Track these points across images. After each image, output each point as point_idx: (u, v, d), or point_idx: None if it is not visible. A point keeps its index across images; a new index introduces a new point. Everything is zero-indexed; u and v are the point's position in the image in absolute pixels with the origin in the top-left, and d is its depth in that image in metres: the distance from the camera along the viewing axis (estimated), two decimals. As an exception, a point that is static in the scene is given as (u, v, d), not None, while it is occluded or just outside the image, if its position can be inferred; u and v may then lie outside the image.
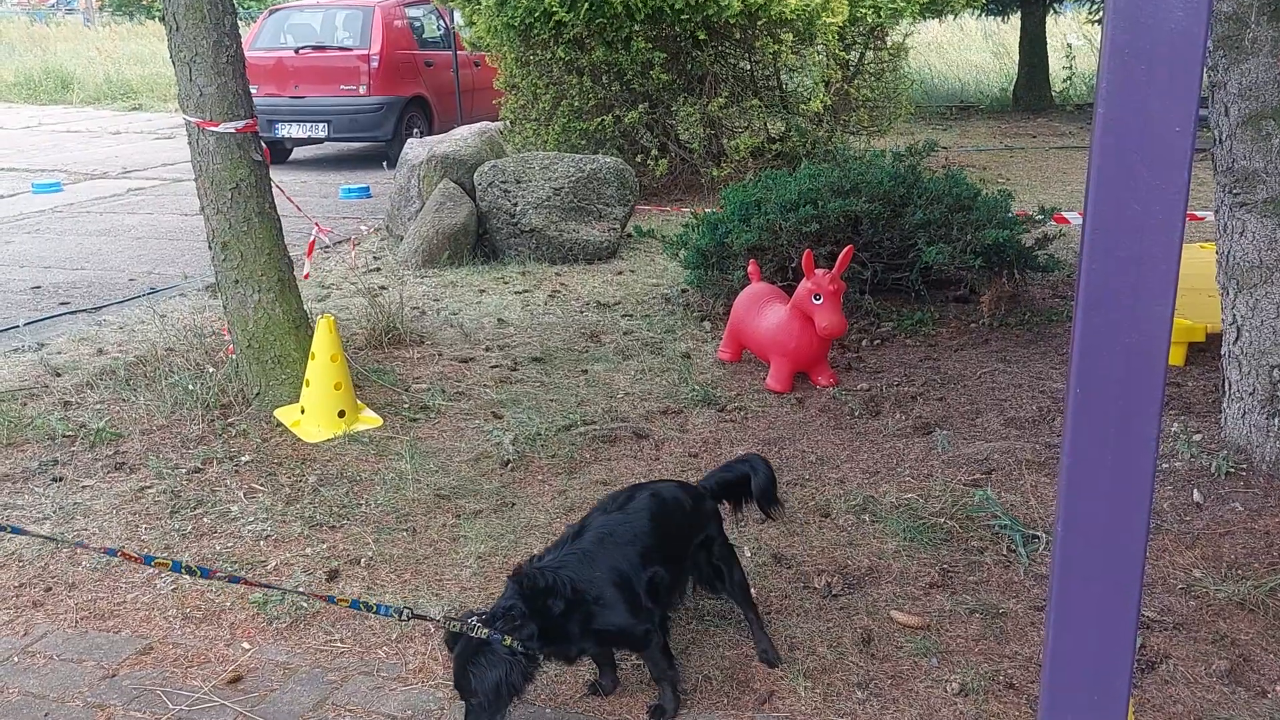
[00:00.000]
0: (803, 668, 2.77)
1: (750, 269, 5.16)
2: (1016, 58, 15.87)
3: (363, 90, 11.91)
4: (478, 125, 8.69)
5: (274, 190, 4.64)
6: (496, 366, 5.12)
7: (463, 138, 8.14)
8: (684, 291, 6.22)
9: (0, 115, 17.30)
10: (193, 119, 4.39)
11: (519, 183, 7.42)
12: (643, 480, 3.85)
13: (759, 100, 9.62)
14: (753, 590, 2.89)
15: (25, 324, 5.98)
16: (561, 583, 2.46)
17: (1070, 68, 15.53)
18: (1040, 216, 5.94)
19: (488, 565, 3.33)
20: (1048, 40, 15.55)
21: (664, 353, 5.27)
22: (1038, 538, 3.37)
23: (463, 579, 3.25)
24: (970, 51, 19.64)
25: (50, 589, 3.22)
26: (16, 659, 2.89)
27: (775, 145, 9.67)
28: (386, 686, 2.75)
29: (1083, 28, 17.68)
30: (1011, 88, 15.87)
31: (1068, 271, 6.12)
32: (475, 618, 2.36)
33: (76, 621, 3.06)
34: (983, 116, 14.94)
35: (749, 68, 9.84)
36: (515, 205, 7.36)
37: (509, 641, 2.31)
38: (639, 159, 9.26)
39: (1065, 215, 6.37)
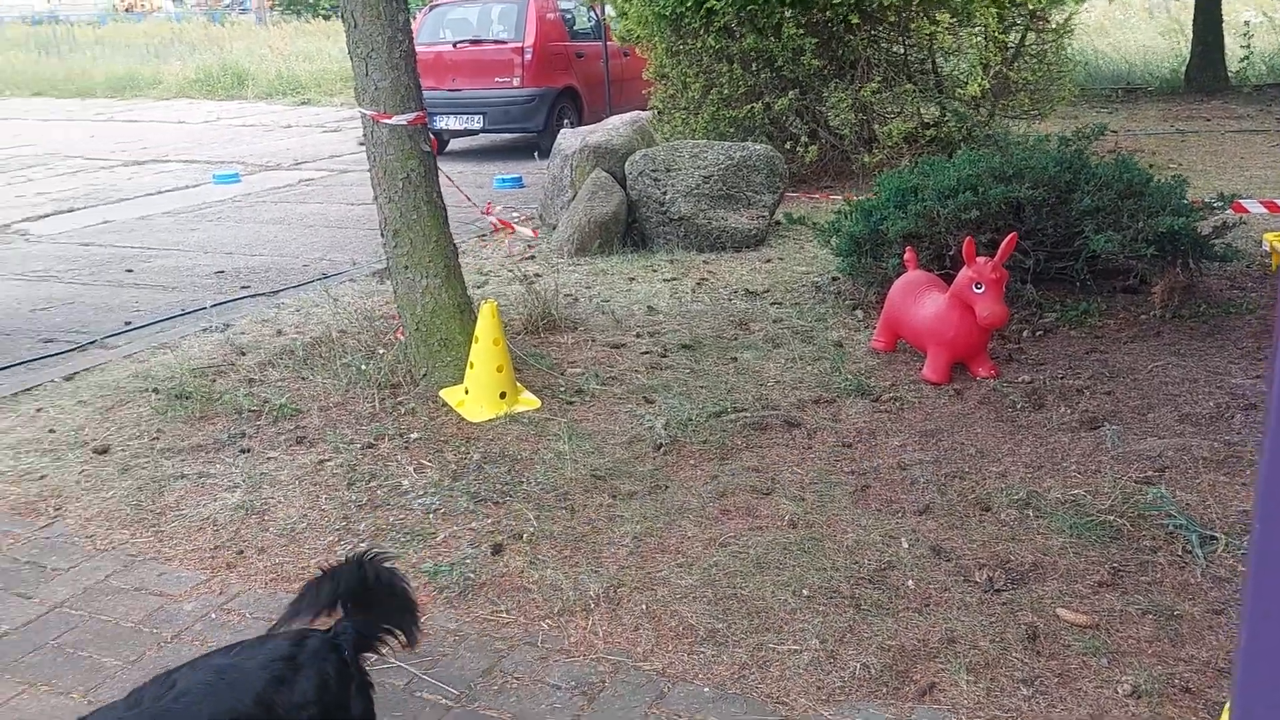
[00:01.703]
0: (964, 661, 2.74)
1: (906, 256, 5.08)
2: (1189, 36, 15.01)
3: (516, 82, 12.21)
4: (629, 115, 8.80)
5: (441, 179, 4.84)
6: (647, 353, 5.20)
7: (614, 127, 8.26)
8: (835, 280, 6.17)
9: (183, 111, 18.47)
10: (368, 112, 4.61)
11: (669, 171, 7.48)
12: (794, 467, 3.87)
13: (913, 85, 9.42)
14: (910, 581, 2.87)
15: (213, 306, 6.41)
16: None
17: (1248, 46, 14.59)
18: (1219, 204, 5.64)
19: (643, 545, 3.40)
20: (1223, 17, 14.65)
21: (815, 341, 5.24)
22: (1216, 539, 3.23)
23: (620, 557, 3.33)
24: (1136, 32, 18.68)
25: (242, 552, 3.46)
26: (214, 615, 3.12)
27: (929, 131, 9.45)
28: (550, 658, 2.85)
29: (1261, 4, 16.57)
30: (1183, 68, 15.02)
31: (1246, 262, 5.79)
32: None
33: (266, 583, 3.28)
34: (1151, 99, 14.20)
35: (903, 51, 9.64)
36: (665, 193, 7.43)
37: None
38: (788, 146, 9.21)
39: (1244, 204, 6.02)
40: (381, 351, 5.08)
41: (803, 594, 3.08)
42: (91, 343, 5.96)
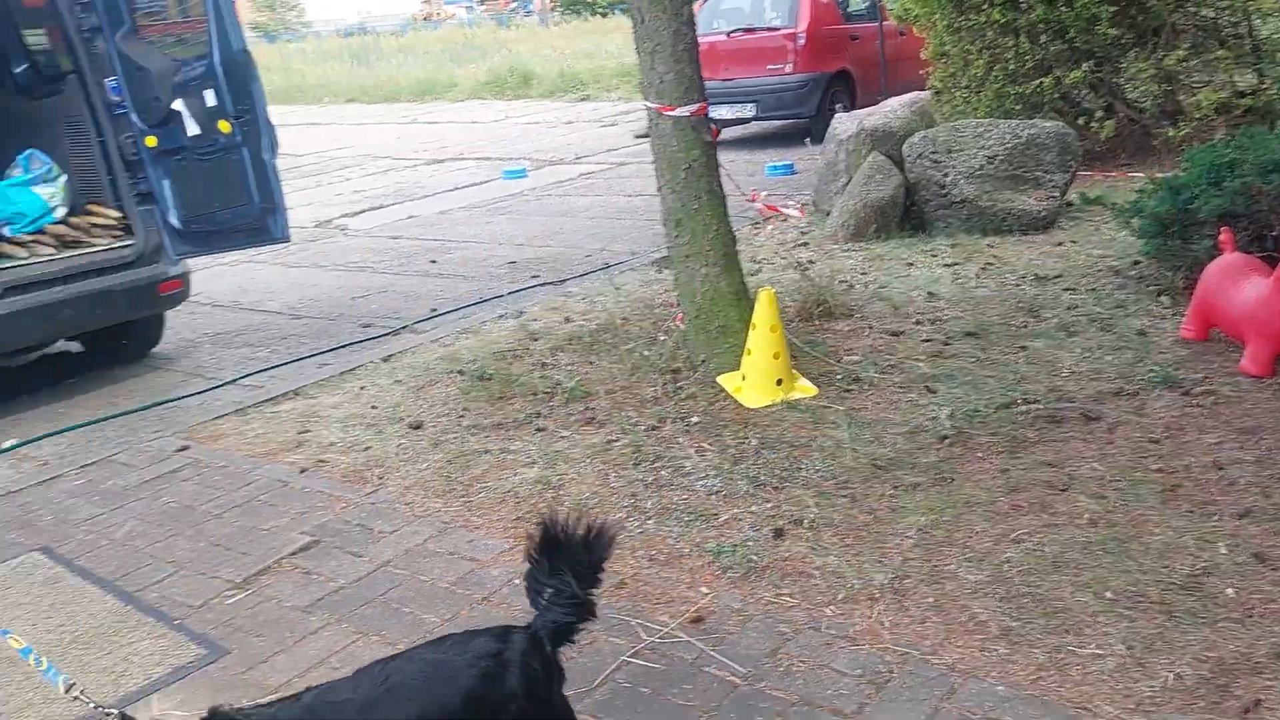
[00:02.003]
0: (1297, 679, 2.49)
1: (1222, 238, 4.64)
2: None
3: (789, 69, 12.17)
4: (907, 96, 8.55)
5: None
6: (928, 340, 5.06)
7: (892, 110, 8.06)
8: (1137, 264, 5.73)
9: (476, 111, 19.79)
10: (653, 104, 4.76)
11: (950, 152, 7.21)
12: (1093, 462, 3.64)
13: (1226, 51, 8.56)
14: (1230, 589, 2.64)
15: (508, 294, 6.85)
16: None
17: None
18: None
19: (929, 538, 3.33)
20: None
21: (1114, 329, 4.90)
22: None
23: (904, 548, 3.28)
24: None
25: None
26: (517, 582, 3.33)
27: (1245, 100, 8.55)
28: (835, 644, 2.86)
29: None
30: None
31: None
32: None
33: (561, 554, 3.49)
34: None
35: (1213, 15, 8.78)
36: (945, 175, 7.17)
37: None
38: (1080, 121, 8.62)
39: None
40: (662, 338, 5.24)
41: (1105, 596, 2.90)
42: (403, 327, 6.54)
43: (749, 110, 12.31)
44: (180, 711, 2.87)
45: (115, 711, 1.87)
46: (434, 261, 8.31)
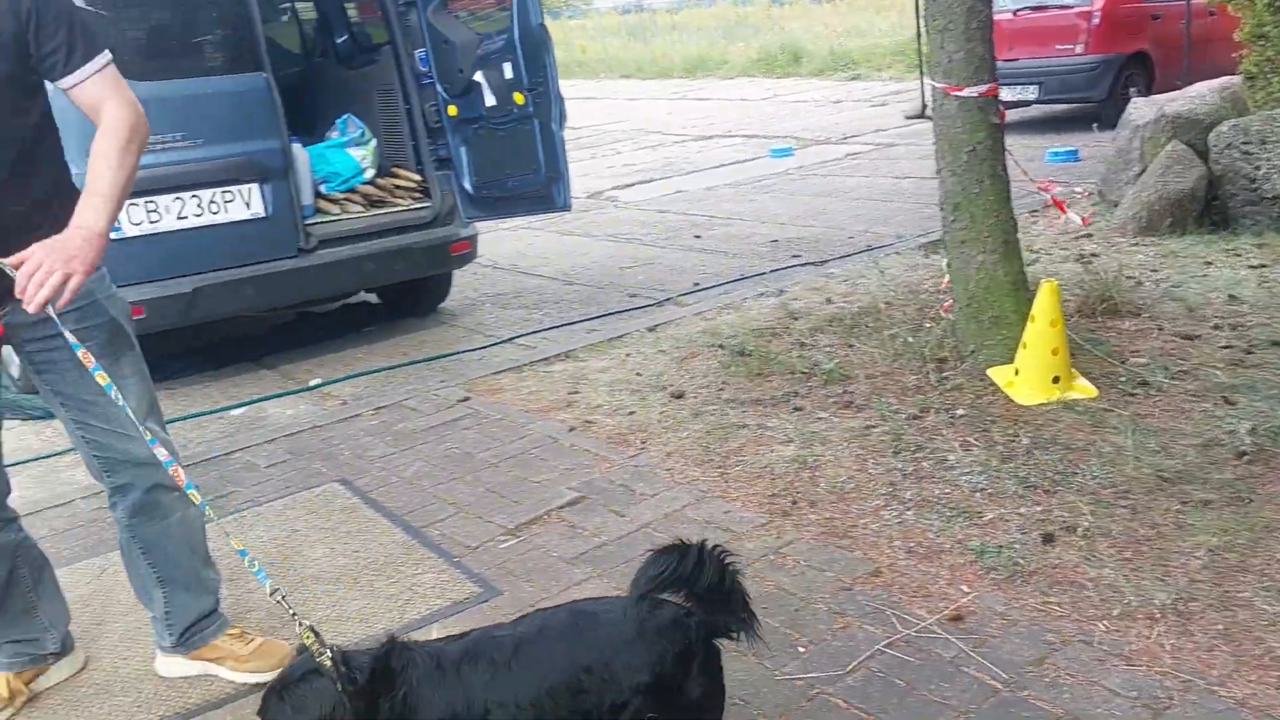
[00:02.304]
0: None
1: None
2: None
3: (1079, 49, 11.40)
4: (1217, 81, 7.81)
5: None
6: (1227, 347, 4.64)
7: (1198, 95, 7.39)
8: None
9: (745, 88, 19.86)
10: (939, 84, 4.60)
11: (1264, 143, 6.54)
12: None
13: None
14: None
15: (770, 271, 6.88)
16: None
17: None
18: None
19: (1220, 560, 3.07)
20: None
21: None
22: None
23: (1191, 569, 3.04)
24: None
25: (795, 503, 3.71)
26: (772, 557, 3.38)
27: None
28: (1108, 661, 2.70)
29: None
30: None
31: None
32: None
33: (817, 535, 3.49)
34: None
35: None
36: (1258, 169, 6.52)
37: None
38: None
39: None
40: (928, 325, 5.09)
41: None
42: (668, 299, 6.70)
43: (1031, 93, 11.65)
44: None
45: (306, 623, 2.05)
46: (698, 236, 8.45)
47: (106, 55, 2.59)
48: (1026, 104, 11.99)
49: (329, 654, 1.99)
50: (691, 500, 3.81)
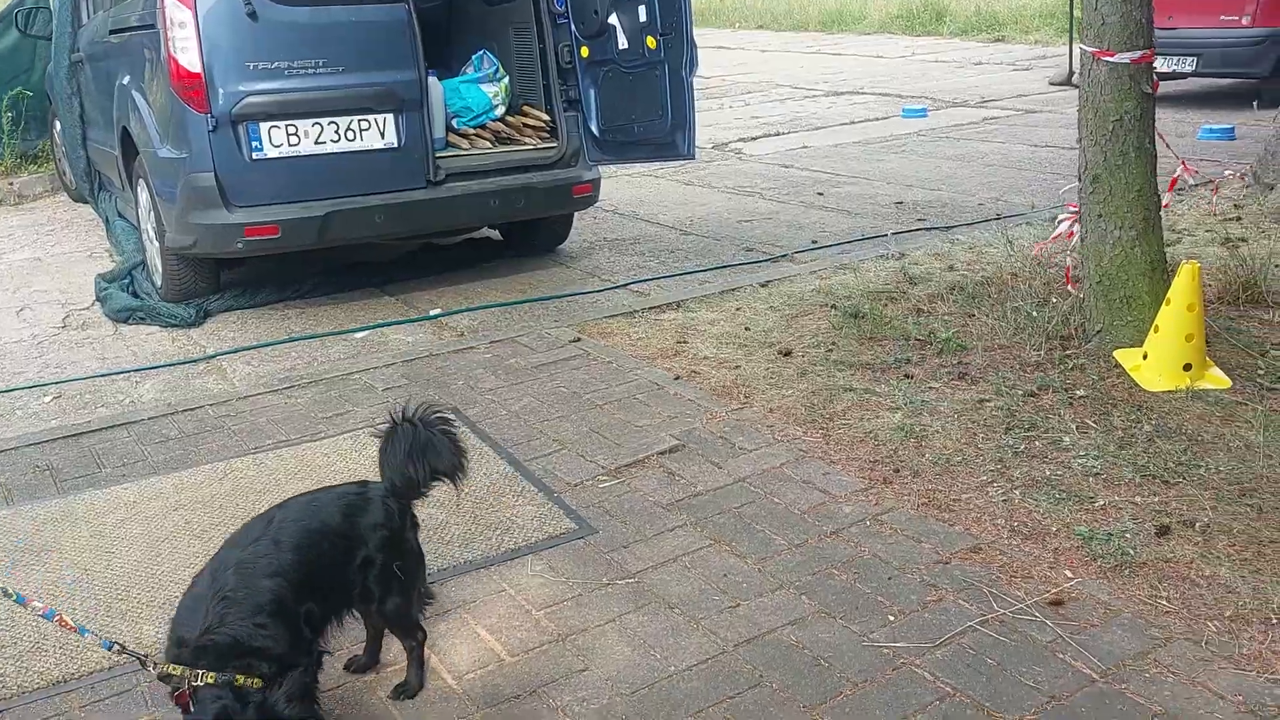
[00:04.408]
0: None
1: None
2: None
3: (1246, 20, 10.67)
4: (1400, 59, 7.24)
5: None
6: (1380, 348, 4.35)
7: (1377, 74, 6.87)
8: None
9: (882, 45, 19.28)
10: (1089, 48, 4.38)
11: None
12: None
13: None
14: None
15: (892, 234, 6.71)
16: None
17: None
18: None
19: (1350, 571, 2.91)
20: None
21: None
22: None
23: (1316, 577, 2.89)
24: None
25: (898, 471, 3.65)
26: (868, 523, 3.34)
27: None
28: (1215, 662, 2.59)
29: None
30: None
31: None
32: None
33: (918, 506, 3.43)
34: None
35: None
36: None
37: None
38: None
39: None
40: (1055, 300, 4.91)
41: None
42: (784, 256, 6.62)
43: (1188, 64, 10.97)
44: (548, 576, 3.17)
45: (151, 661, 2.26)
46: (821, 194, 8.29)
47: None
48: (1183, 76, 11.32)
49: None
50: (790, 459, 3.78)
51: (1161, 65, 11.05)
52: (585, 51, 5.89)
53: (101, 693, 2.73)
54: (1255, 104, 9.71)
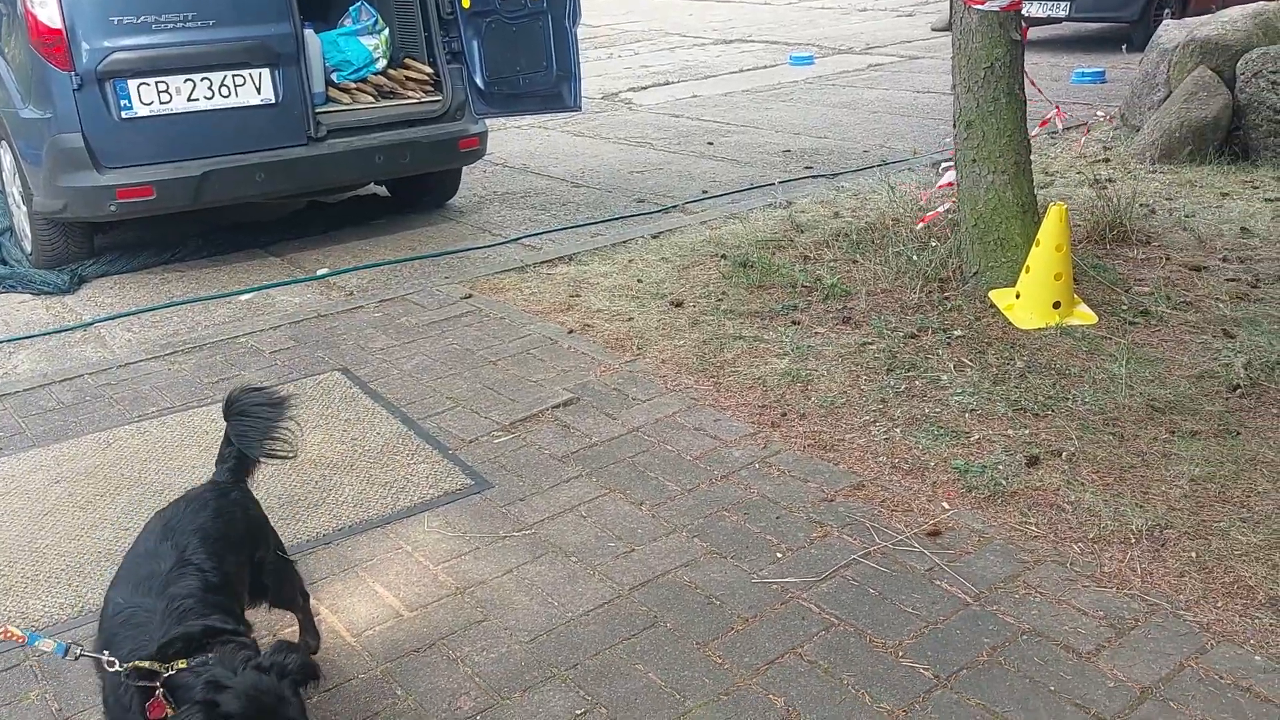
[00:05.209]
0: None
1: None
2: None
3: (1116, -35, 11.06)
4: (1252, 6, 7.59)
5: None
6: (1233, 280, 4.63)
7: (1230, 20, 7.20)
8: None
9: (768, -8, 19.33)
10: (961, -3, 4.50)
11: (1294, 74, 6.41)
12: None
13: None
14: None
15: (780, 183, 6.81)
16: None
17: None
18: None
19: (1201, 490, 3.12)
20: None
21: None
22: None
23: (1171, 497, 3.09)
24: None
25: (785, 415, 3.76)
26: (757, 466, 3.44)
27: None
28: (1079, 581, 2.77)
29: None
30: None
31: None
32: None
33: (804, 447, 3.54)
34: None
35: None
36: (1285, 100, 6.39)
37: None
38: None
39: None
40: (934, 244, 5.07)
41: (1399, 585, 2.64)
42: (675, 207, 6.67)
43: (1062, 9, 11.33)
44: (445, 531, 3.19)
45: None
46: (710, 144, 8.35)
47: None
48: (1057, 20, 11.69)
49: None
50: (682, 407, 3.86)
51: (1037, 10, 11.41)
52: (466, 2, 5.78)
53: (-15, 673, 2.67)
54: (1125, 47, 10.09)
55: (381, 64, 6.32)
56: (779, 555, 2.96)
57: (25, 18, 5.13)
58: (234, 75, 5.48)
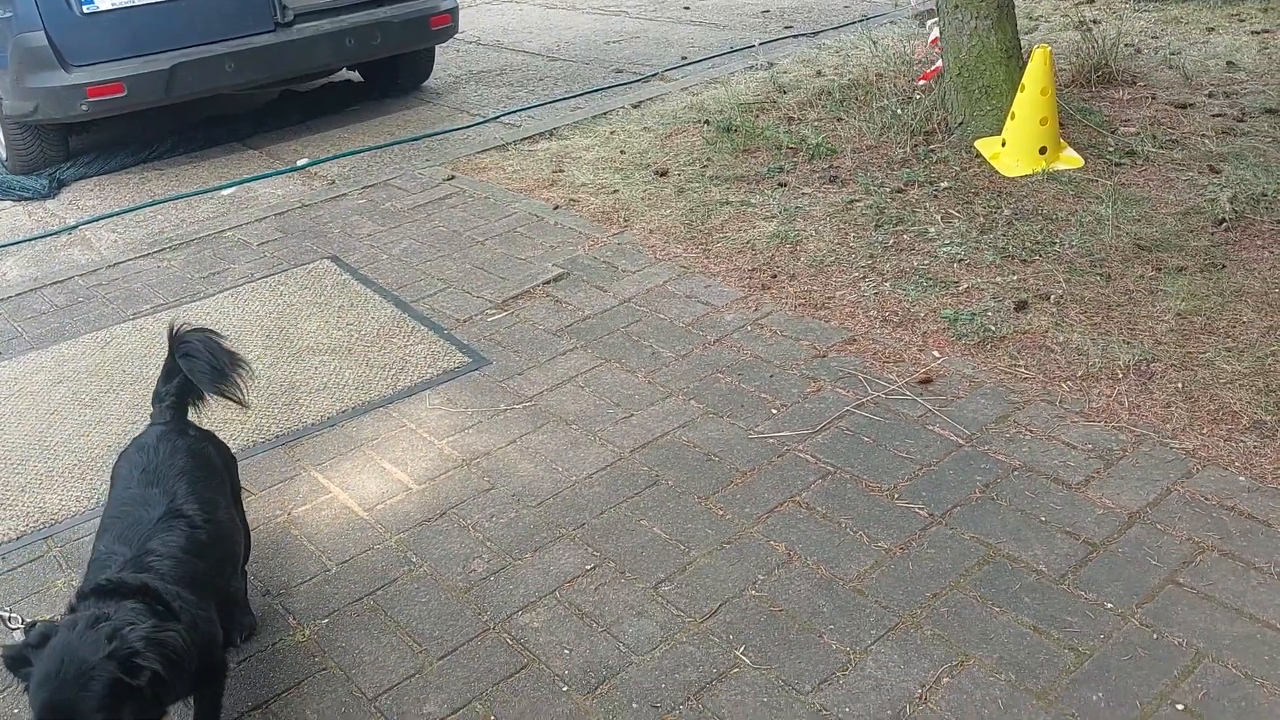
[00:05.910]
0: None
1: None
2: None
3: None
4: None
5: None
6: (1219, 115, 4.59)
7: None
8: None
9: None
10: None
11: (1286, -102, 6.22)
12: None
13: None
14: None
15: (760, 44, 6.67)
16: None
17: None
18: None
19: (1187, 324, 3.17)
20: None
21: None
22: None
23: (1158, 332, 3.15)
24: None
25: (775, 276, 3.78)
26: (749, 328, 3.48)
27: None
28: (1068, 417, 2.84)
29: None
30: None
31: None
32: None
33: (795, 307, 3.57)
34: None
35: None
36: (1275, -73, 6.22)
37: None
38: None
39: None
40: (918, 97, 5.01)
41: (1377, 402, 2.72)
42: (654, 75, 6.54)
43: None
44: (447, 408, 3.24)
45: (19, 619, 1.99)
46: (687, 8, 8.14)
47: None
48: None
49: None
50: (672, 276, 3.88)
51: None
52: None
53: (13, 561, 2.75)
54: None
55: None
56: (774, 411, 3.02)
57: (-30, -88, 4.94)
58: (193, -38, 5.31)
